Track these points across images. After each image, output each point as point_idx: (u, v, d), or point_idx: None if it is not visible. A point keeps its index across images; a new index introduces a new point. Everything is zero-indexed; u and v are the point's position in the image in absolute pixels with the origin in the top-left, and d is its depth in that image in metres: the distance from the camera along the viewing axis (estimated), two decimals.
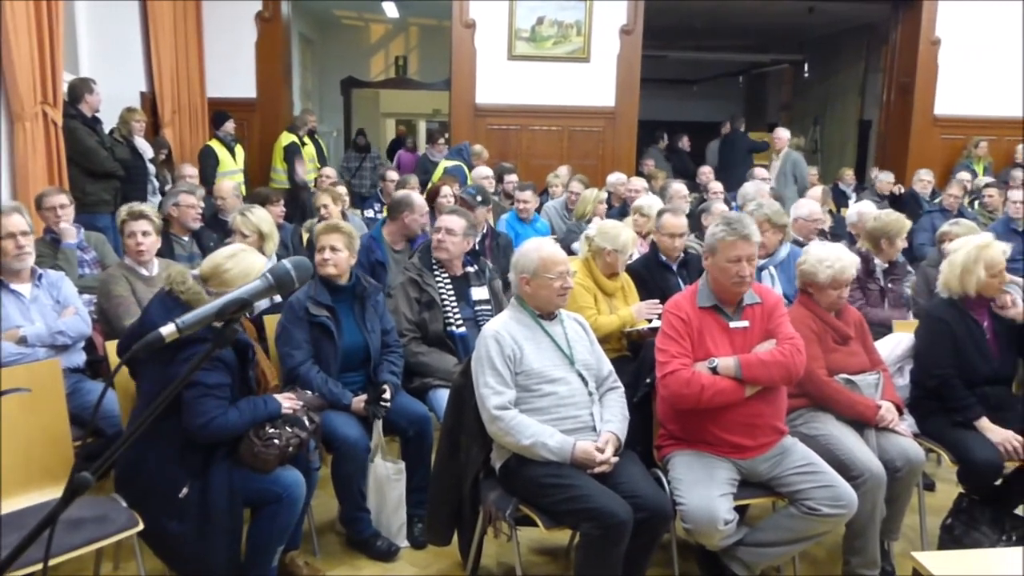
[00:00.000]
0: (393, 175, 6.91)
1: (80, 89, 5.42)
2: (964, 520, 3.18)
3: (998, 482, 3.13)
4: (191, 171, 6.34)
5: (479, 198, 4.88)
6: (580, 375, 2.71)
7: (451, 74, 8.51)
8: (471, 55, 8.33)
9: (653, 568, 2.76)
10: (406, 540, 3.21)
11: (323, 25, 13.10)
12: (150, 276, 3.57)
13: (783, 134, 8.55)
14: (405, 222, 4.33)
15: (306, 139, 8.01)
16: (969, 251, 3.20)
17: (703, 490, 2.63)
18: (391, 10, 11.67)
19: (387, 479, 3.10)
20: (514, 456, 2.63)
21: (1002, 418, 3.09)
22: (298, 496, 2.67)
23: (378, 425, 3.10)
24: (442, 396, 3.13)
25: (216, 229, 5.01)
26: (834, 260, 3.07)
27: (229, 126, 7.37)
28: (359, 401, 3.12)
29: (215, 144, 7.26)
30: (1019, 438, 3.01)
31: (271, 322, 3.35)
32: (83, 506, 2.45)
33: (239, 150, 7.47)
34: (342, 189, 5.31)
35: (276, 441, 2.61)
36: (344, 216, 5.05)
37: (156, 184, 6.21)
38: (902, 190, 7.59)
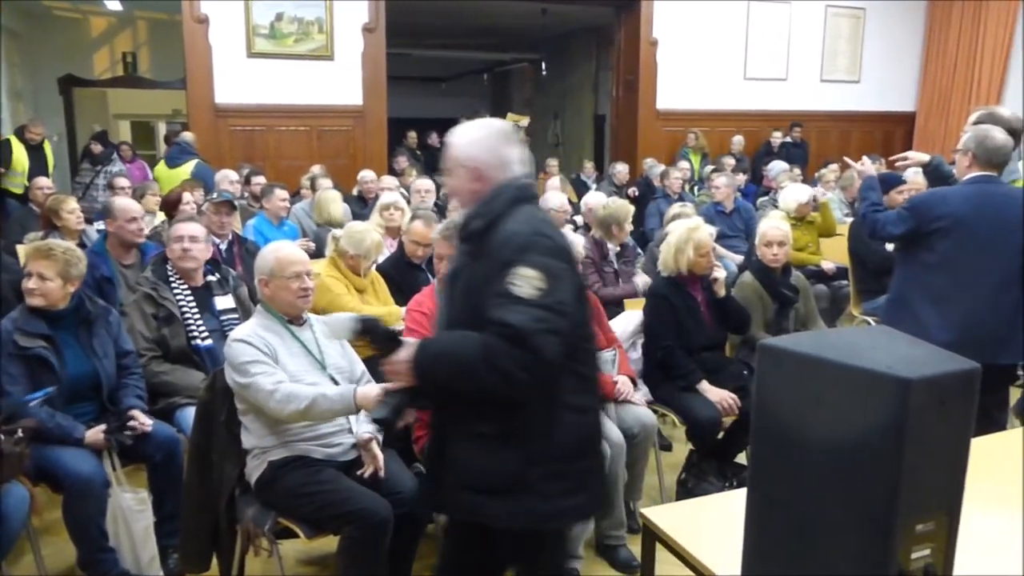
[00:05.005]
0: (124, 182, 6.32)
1: None
2: (695, 473, 3.56)
3: (720, 436, 3.53)
4: None
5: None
6: (333, 379, 2.68)
7: (186, 72, 7.99)
8: (206, 52, 7.87)
9: (420, 560, 2.79)
10: (160, 573, 2.99)
11: (31, 17, 11.71)
12: None
13: None
14: (112, 231, 4.04)
15: (13, 142, 7.15)
16: (681, 234, 3.55)
17: None
18: (113, 2, 10.70)
19: (129, 510, 2.86)
20: (269, 468, 2.54)
21: (719, 379, 3.48)
22: None
23: (111, 453, 2.85)
24: (190, 414, 2.93)
25: None
26: None
27: None
28: (95, 432, 2.83)
29: None
30: (733, 396, 3.41)
31: None
32: None
33: None
34: (72, 203, 4.70)
35: None
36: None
37: None
38: (636, 193, 8.14)
